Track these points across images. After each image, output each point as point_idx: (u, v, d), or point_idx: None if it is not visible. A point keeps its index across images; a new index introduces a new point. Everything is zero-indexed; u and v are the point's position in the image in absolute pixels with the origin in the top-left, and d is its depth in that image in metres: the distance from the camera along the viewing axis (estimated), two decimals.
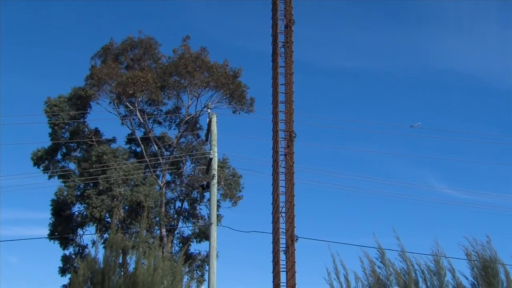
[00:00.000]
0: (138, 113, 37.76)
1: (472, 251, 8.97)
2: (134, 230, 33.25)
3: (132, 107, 37.48)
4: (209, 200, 22.76)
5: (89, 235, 36.92)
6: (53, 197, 35.32)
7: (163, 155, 38.13)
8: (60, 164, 37.85)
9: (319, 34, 79.60)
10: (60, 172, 36.68)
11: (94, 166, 34.03)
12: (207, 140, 24.65)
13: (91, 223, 35.52)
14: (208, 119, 23.66)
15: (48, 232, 35.99)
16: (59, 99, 37.55)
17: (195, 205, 38.50)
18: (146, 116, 38.52)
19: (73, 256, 35.88)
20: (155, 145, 38.20)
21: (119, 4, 75.96)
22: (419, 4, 79.37)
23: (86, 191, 34.25)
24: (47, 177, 37.22)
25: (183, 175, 38.13)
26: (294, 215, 21.38)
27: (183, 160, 38.14)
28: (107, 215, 34.60)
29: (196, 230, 37.59)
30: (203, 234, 36.53)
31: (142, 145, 37.91)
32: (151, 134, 38.13)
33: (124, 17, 77.55)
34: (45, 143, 37.85)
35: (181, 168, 38.24)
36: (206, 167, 24.30)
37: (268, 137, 23.72)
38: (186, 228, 38.22)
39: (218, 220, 32.67)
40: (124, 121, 38.62)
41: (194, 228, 37.80)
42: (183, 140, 38.96)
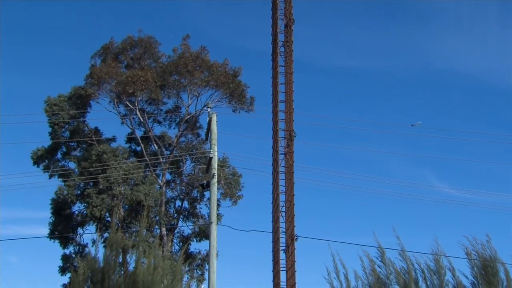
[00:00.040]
0: (138, 112, 37.76)
1: (472, 250, 8.98)
2: (134, 229, 33.27)
3: (132, 106, 37.48)
4: (209, 199, 22.76)
5: (89, 234, 37.00)
6: (53, 196, 35.36)
7: (163, 154, 38.13)
8: (60, 163, 37.86)
9: (319, 33, 79.55)
10: (60, 171, 36.68)
11: (94, 165, 34.04)
12: (207, 139, 24.64)
13: (91, 222, 35.55)
14: (208, 118, 23.65)
15: (48, 231, 36.05)
16: (59, 98, 37.56)
17: (195, 204, 38.53)
18: (146, 115, 38.53)
19: (73, 255, 35.89)
20: (155, 144, 38.21)
21: (119, 4, 75.93)
22: (419, 4, 79.32)
23: (86, 190, 34.27)
24: (47, 177, 37.26)
25: (183, 174, 38.15)
26: (294, 214, 21.40)
27: (183, 159, 38.16)
28: (107, 214, 34.60)
29: (196, 229, 37.61)
30: (203, 233, 36.55)
31: (142, 144, 37.92)
32: (151, 133, 38.13)
33: (124, 16, 77.51)
34: (45, 142, 37.90)
35: (181, 167, 38.26)
36: (206, 166, 24.31)
37: (268, 136, 23.73)
38: (186, 227, 38.28)
39: (218, 219, 32.67)
40: (124, 120, 38.65)
41: (194, 227, 37.82)
42: (183, 139, 38.98)
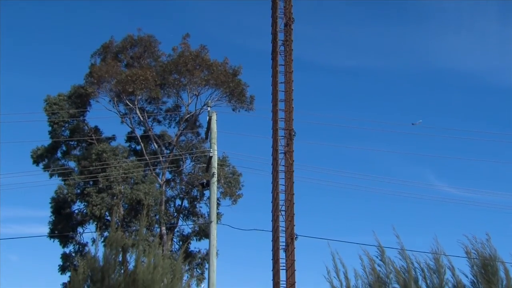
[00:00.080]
0: (138, 111, 37.75)
1: (472, 249, 8.97)
2: (134, 228, 33.26)
3: (132, 105, 37.47)
4: (209, 198, 22.74)
5: (89, 233, 36.99)
6: (53, 195, 35.36)
7: (163, 153, 38.11)
8: (60, 162, 37.85)
9: (319, 32, 79.56)
10: (60, 170, 36.67)
11: (94, 164, 34.03)
12: (207, 138, 24.62)
13: (91, 221, 35.55)
14: (208, 117, 23.61)
15: (48, 230, 36.04)
16: (59, 97, 37.53)
17: (195, 203, 38.52)
18: (146, 114, 38.52)
19: (73, 254, 35.88)
20: (155, 143, 38.20)
21: (119, 3, 75.97)
22: (419, 3, 79.34)
23: (86, 189, 34.25)
24: (47, 175, 37.23)
25: (183, 173, 38.15)
26: (294, 213, 21.41)
27: (183, 158, 38.15)
28: (107, 213, 34.58)
29: (196, 228, 37.61)
30: (203, 232, 36.55)
31: (142, 143, 37.91)
32: (151, 132, 38.12)
33: (124, 15, 77.54)
34: (45, 141, 37.91)
35: (181, 166, 38.25)
36: (206, 165, 24.28)
37: (268, 135, 23.75)
38: (186, 226, 38.27)
39: (218, 218, 32.67)
40: (124, 119, 38.65)
41: (194, 226, 37.81)
42: (183, 138, 38.96)
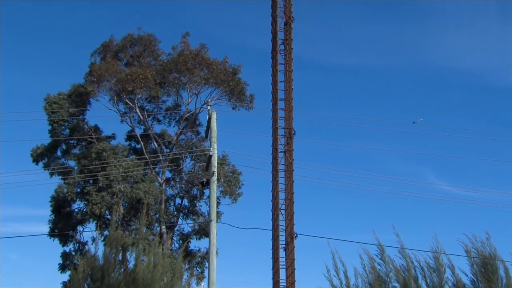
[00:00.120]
0: (138, 110, 37.74)
1: (472, 248, 8.97)
2: (134, 227, 33.26)
3: (132, 104, 37.46)
4: (209, 197, 22.75)
5: (89, 232, 37.01)
6: (53, 194, 35.37)
7: (163, 152, 38.12)
8: (60, 161, 37.85)
9: (319, 31, 79.56)
10: (60, 169, 36.67)
11: (94, 163, 34.04)
12: (207, 137, 24.64)
13: (91, 220, 35.55)
14: (208, 116, 23.62)
15: (48, 229, 36.05)
16: (59, 96, 37.53)
17: (195, 202, 38.52)
18: (146, 113, 38.51)
19: (73, 253, 35.90)
20: (155, 142, 38.20)
21: (119, 2, 75.91)
22: (419, 2, 79.30)
23: (86, 188, 34.26)
24: (48, 174, 37.23)
25: (183, 172, 38.16)
26: (294, 212, 21.41)
27: (183, 157, 38.16)
28: (107, 212, 34.59)
29: (196, 227, 37.61)
30: (203, 231, 36.56)
31: (142, 142, 37.90)
32: (151, 131, 38.13)
33: (124, 14, 77.51)
34: (45, 140, 37.90)
35: (181, 165, 38.27)
36: (206, 164, 24.29)
37: (268, 134, 23.73)
38: (186, 225, 38.27)
39: (218, 217, 32.67)
40: (124, 118, 38.66)
41: (194, 225, 37.82)
42: (183, 137, 38.96)
